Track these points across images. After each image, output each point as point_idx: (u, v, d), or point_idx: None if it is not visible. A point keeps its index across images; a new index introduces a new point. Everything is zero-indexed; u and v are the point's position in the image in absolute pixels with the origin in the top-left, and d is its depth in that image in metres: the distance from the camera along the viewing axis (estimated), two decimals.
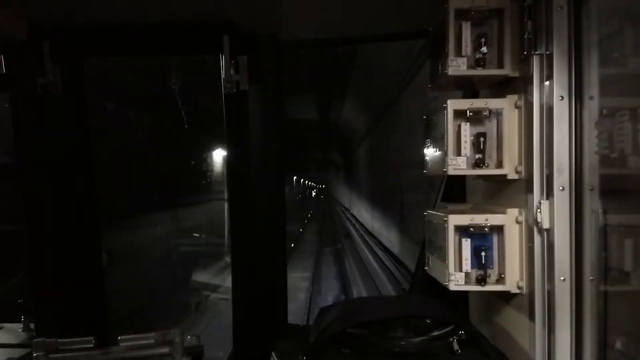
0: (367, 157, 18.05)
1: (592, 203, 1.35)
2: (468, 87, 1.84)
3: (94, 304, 2.38)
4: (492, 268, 1.56)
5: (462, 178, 2.03)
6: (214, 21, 2.09)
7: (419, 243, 2.40)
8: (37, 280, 2.24)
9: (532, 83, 1.42)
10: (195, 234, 10.35)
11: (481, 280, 1.54)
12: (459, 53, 1.53)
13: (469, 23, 1.52)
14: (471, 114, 1.53)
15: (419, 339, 1.62)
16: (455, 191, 2.11)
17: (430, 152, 1.79)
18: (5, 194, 2.67)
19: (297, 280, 12.66)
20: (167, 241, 9.32)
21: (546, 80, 1.39)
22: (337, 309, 1.86)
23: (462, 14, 1.52)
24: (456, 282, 1.55)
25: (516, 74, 1.52)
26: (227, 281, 7.54)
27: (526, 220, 1.49)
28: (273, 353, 1.79)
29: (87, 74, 2.33)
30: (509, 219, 1.53)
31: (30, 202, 2.22)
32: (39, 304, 2.25)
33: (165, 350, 1.51)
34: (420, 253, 2.17)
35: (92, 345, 1.49)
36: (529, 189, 1.45)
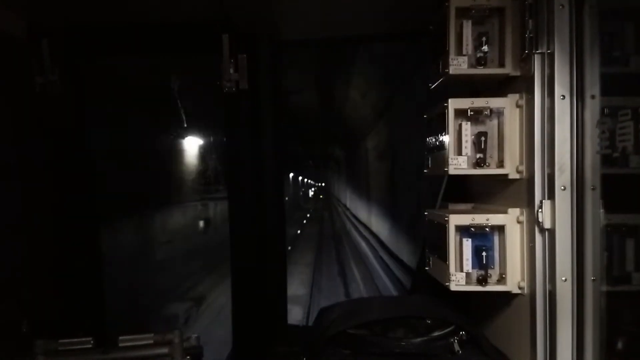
0: None
1: (594, 202, 1.35)
2: (469, 86, 1.84)
3: (94, 304, 2.38)
4: (493, 268, 1.55)
5: (463, 178, 2.03)
6: (214, 21, 2.09)
7: None
8: (36, 280, 2.23)
9: (533, 82, 1.42)
10: None
11: (482, 281, 1.53)
12: (459, 52, 1.52)
13: (469, 22, 1.52)
14: (472, 113, 1.52)
15: (420, 339, 1.61)
16: (456, 191, 2.11)
17: (431, 152, 1.78)
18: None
19: None
20: None
21: (547, 79, 1.39)
22: (338, 309, 1.85)
23: (463, 13, 1.51)
24: (457, 282, 1.54)
25: (517, 73, 1.51)
26: None
27: (527, 220, 1.49)
28: None
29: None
30: (510, 218, 1.53)
31: (30, 202, 2.22)
32: (38, 304, 2.24)
33: (164, 350, 1.51)
34: (421, 253, 2.16)
35: (91, 346, 1.50)
36: (530, 188, 1.45)
